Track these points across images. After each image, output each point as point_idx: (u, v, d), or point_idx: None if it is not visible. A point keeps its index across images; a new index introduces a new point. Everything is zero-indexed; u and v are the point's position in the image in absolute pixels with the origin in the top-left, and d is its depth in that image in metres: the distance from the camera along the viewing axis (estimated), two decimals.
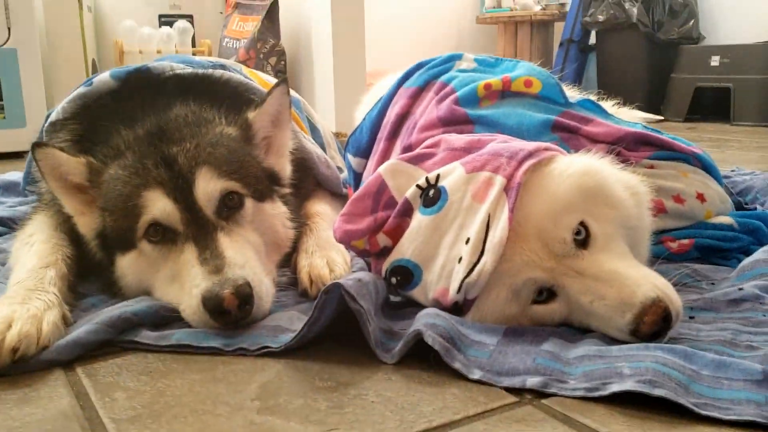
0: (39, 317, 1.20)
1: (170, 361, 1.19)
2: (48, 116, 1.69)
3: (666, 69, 5.63)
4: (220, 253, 1.30)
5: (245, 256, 1.33)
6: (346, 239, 1.35)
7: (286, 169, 1.61)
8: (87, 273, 1.53)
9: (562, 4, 6.69)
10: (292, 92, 2.56)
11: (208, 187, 1.38)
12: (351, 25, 4.42)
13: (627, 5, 5.70)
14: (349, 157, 1.99)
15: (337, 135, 3.20)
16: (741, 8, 5.64)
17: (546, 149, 1.30)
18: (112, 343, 1.25)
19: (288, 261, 1.58)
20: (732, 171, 2.58)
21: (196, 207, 1.37)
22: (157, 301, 1.34)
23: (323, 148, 2.49)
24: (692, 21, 5.63)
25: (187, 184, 1.37)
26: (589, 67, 6.53)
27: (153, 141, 1.43)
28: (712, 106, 5.40)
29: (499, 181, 1.23)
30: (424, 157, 1.39)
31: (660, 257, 1.55)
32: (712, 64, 5.26)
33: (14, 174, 2.60)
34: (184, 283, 1.31)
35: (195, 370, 1.15)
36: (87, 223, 1.47)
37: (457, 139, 1.40)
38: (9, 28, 3.73)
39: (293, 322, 1.28)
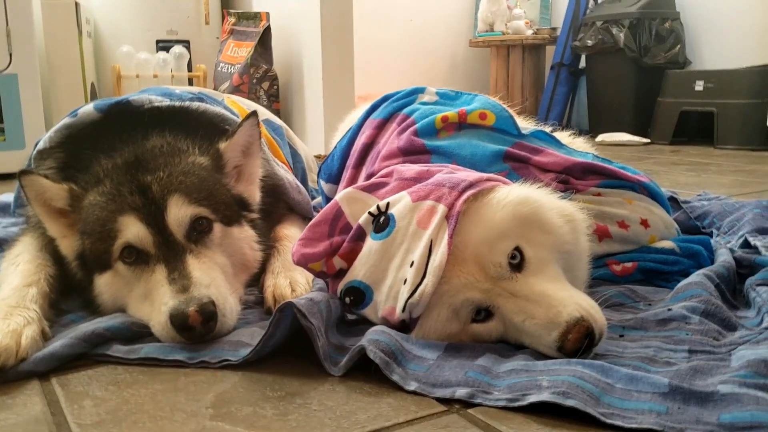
0: (18, 332, 1.31)
1: (137, 372, 1.30)
2: (36, 144, 1.81)
3: (653, 93, 5.76)
4: (188, 273, 1.42)
5: (211, 277, 1.45)
6: (303, 262, 1.46)
7: (255, 195, 1.73)
8: (69, 291, 1.65)
9: (554, 29, 6.84)
10: (277, 120, 2.70)
11: (179, 213, 1.50)
12: (340, 51, 4.57)
13: (615, 30, 5.84)
14: (322, 183, 2.12)
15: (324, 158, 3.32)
16: (725, 34, 5.77)
17: (488, 180, 1.42)
18: (86, 356, 1.36)
19: (257, 280, 1.69)
20: (698, 195, 2.69)
21: (167, 231, 1.48)
22: (130, 317, 1.46)
23: (304, 173, 2.61)
24: (678, 46, 5.76)
25: (159, 210, 1.49)
26: (580, 90, 6.67)
27: (129, 170, 1.55)
28: (697, 129, 5.52)
29: (441, 209, 1.34)
30: (377, 186, 1.50)
31: (604, 280, 1.66)
32: (697, 88, 5.38)
33: (10, 195, 2.71)
34: (154, 301, 1.42)
35: (159, 380, 1.26)
36: (68, 246, 1.59)
37: (408, 170, 1.52)
38: (10, 54, 3.88)
39: (254, 337, 1.39)
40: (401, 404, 1.15)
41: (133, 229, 1.47)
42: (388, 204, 1.41)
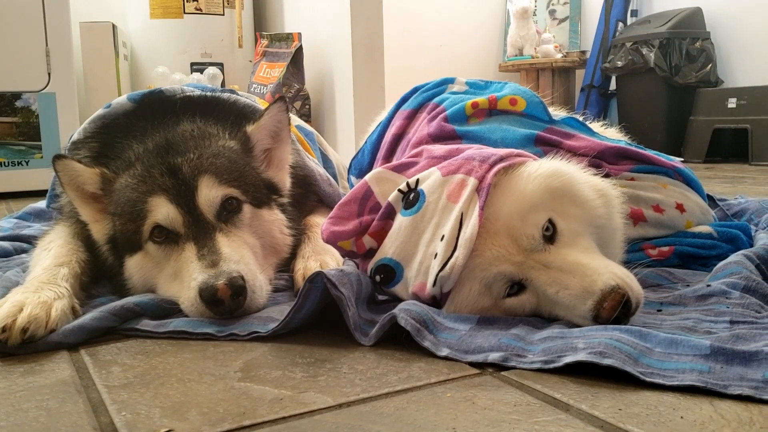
0: (49, 304, 1.31)
1: (166, 344, 1.30)
2: (71, 137, 1.84)
3: (685, 112, 5.70)
4: (217, 249, 1.42)
5: (240, 254, 1.44)
6: (332, 240, 1.44)
7: (285, 181, 1.73)
8: (100, 278, 1.66)
9: (583, 52, 6.83)
10: (308, 126, 2.71)
11: (209, 193, 1.51)
12: (371, 72, 4.61)
13: (645, 51, 5.82)
14: (352, 178, 2.11)
15: None
16: (756, 52, 5.71)
17: (518, 155, 1.40)
18: (115, 330, 1.36)
19: (288, 266, 1.68)
20: (734, 198, 2.63)
21: (197, 211, 1.49)
22: (160, 296, 1.45)
23: (336, 179, 2.62)
24: (710, 65, 5.71)
25: (189, 190, 1.50)
26: (611, 112, 6.63)
27: (160, 153, 1.57)
28: (731, 147, 5.44)
29: (472, 182, 1.32)
30: (407, 166, 1.49)
31: (639, 263, 1.62)
32: (730, 105, 5.32)
33: (44, 202, 2.77)
34: (184, 278, 1.42)
35: (187, 350, 1.25)
36: (100, 230, 1.60)
37: (438, 149, 1.51)
38: (49, 74, 3.98)
39: (283, 313, 1.37)
40: (433, 368, 1.13)
41: (163, 210, 1.48)
42: (417, 180, 1.40)
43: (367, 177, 1.49)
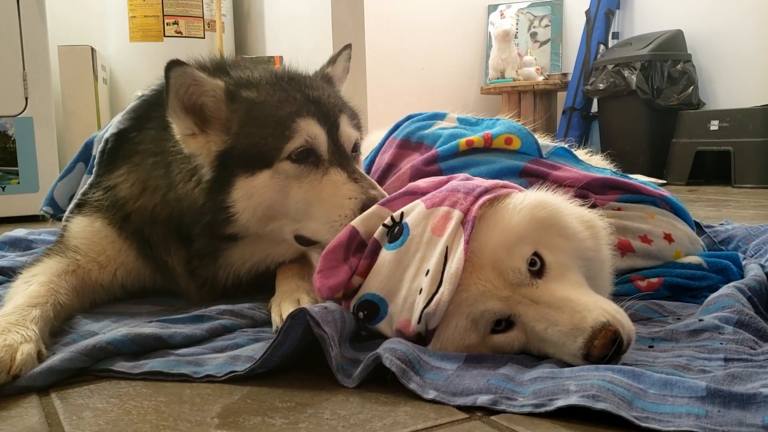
0: (14, 347, 1.25)
1: (141, 386, 1.24)
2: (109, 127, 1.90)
3: (667, 134, 5.72)
4: (365, 177, 1.59)
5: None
6: (330, 295, 1.37)
7: None
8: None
9: (564, 74, 6.86)
10: None
11: (349, 131, 1.65)
12: (353, 97, 4.57)
13: (626, 73, 5.85)
14: None
15: None
16: (738, 74, 5.77)
17: (503, 186, 1.37)
18: (88, 371, 1.30)
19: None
20: (720, 224, 2.62)
21: (338, 142, 1.61)
22: (133, 330, 1.39)
23: None
24: (691, 88, 5.75)
25: (334, 123, 1.61)
26: (593, 134, 6.65)
27: (291, 81, 1.66)
28: (713, 169, 5.46)
29: (457, 215, 1.28)
30: (391, 200, 1.45)
31: (629, 296, 1.59)
32: (712, 128, 5.35)
33: (20, 230, 2.69)
34: (330, 200, 1.54)
35: (163, 393, 1.20)
36: (200, 144, 1.58)
37: (423, 181, 1.47)
38: (26, 98, 3.91)
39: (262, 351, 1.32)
40: (419, 412, 1.08)
41: (313, 131, 1.56)
42: (402, 214, 1.36)
43: (353, 221, 1.44)
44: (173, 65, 1.51)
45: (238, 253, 1.68)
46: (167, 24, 5.13)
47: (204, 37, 5.25)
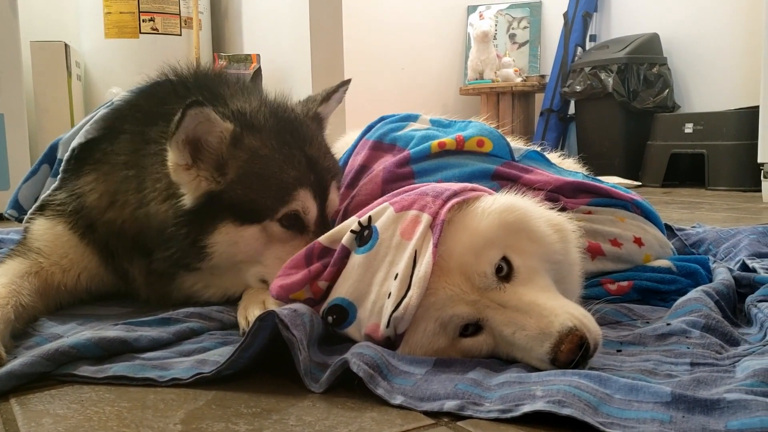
0: None
1: (104, 391, 1.22)
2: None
3: (642, 136, 5.78)
4: None
5: None
6: (283, 294, 1.37)
7: None
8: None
9: (543, 76, 6.90)
10: None
11: (335, 200, 1.67)
12: None
13: (603, 76, 5.89)
14: None
15: None
16: (712, 78, 5.84)
17: (473, 189, 1.36)
18: (51, 376, 1.27)
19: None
20: (692, 227, 2.64)
21: (324, 212, 1.62)
22: (97, 334, 1.36)
23: None
24: (667, 90, 5.81)
25: (323, 192, 1.62)
26: (570, 136, 6.70)
27: (288, 129, 1.62)
28: (688, 171, 5.52)
29: (425, 218, 1.28)
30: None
31: (599, 299, 1.60)
32: (686, 131, 5.40)
33: None
34: None
35: (126, 398, 1.18)
36: (192, 177, 1.52)
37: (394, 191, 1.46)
38: None
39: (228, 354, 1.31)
40: (385, 418, 1.07)
41: (307, 204, 1.57)
42: (370, 218, 1.35)
43: (320, 238, 1.42)
44: (194, 105, 1.46)
45: (195, 279, 1.66)
46: (143, 21, 5.07)
47: (181, 35, 5.20)
